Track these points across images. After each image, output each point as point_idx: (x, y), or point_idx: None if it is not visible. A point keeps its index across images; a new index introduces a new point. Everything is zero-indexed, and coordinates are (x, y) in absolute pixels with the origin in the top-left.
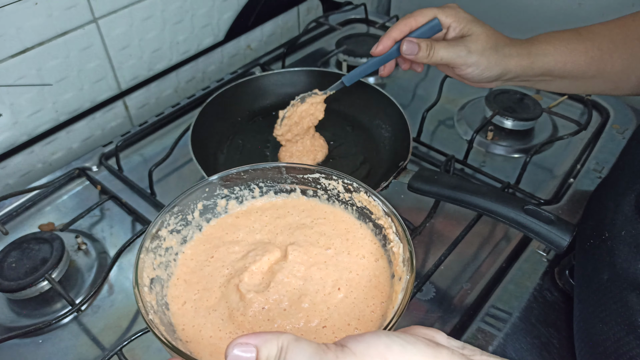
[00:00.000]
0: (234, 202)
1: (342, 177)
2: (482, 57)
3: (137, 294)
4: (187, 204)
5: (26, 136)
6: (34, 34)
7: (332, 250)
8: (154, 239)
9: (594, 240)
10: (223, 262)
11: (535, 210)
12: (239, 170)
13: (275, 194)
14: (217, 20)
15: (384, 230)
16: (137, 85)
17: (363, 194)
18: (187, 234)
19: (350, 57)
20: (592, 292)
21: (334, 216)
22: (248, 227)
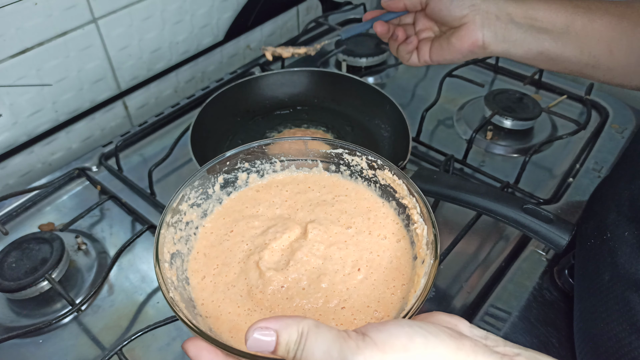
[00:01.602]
0: (255, 175)
1: (367, 153)
2: None
3: (157, 271)
4: (208, 177)
5: (26, 136)
6: (34, 34)
7: (352, 230)
8: (175, 213)
9: (594, 240)
10: (242, 237)
11: (534, 209)
12: (260, 143)
13: (297, 168)
14: (216, 20)
15: (407, 210)
16: (137, 85)
17: (387, 171)
18: (208, 208)
19: (350, 57)
20: (593, 291)
21: (356, 193)
22: (268, 202)
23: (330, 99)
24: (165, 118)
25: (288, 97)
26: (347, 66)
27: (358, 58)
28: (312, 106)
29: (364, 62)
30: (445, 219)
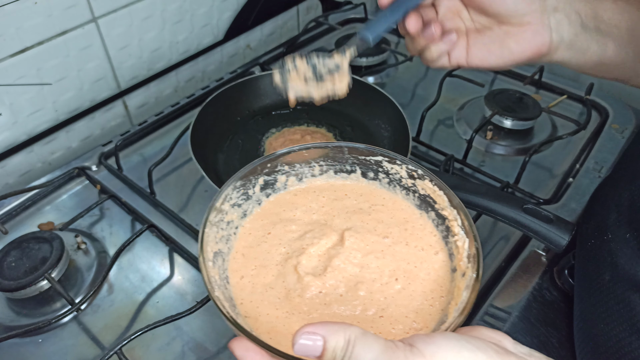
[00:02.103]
0: (294, 178)
1: (407, 162)
2: None
3: (203, 269)
4: (249, 179)
5: (26, 135)
6: (34, 33)
7: (389, 240)
8: (218, 213)
9: (595, 240)
10: (280, 239)
11: (534, 209)
12: (301, 147)
13: (335, 173)
14: (216, 19)
15: (447, 222)
16: (137, 84)
17: (428, 182)
18: (247, 208)
19: None
20: (594, 292)
21: (393, 203)
22: (305, 206)
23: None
24: (165, 117)
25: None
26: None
27: (358, 57)
28: (313, 106)
29: (364, 62)
30: None
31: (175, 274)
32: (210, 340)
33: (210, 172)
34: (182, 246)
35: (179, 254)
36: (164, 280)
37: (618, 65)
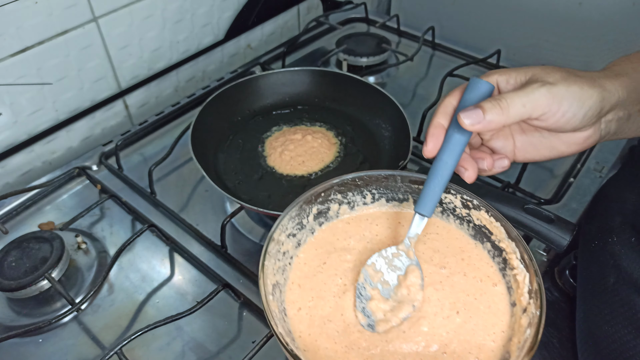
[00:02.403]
0: (346, 207)
1: (462, 192)
2: (568, 86)
3: (266, 305)
4: (303, 208)
5: (26, 135)
6: (34, 33)
7: (447, 270)
8: (275, 244)
9: (599, 241)
10: (336, 270)
11: (535, 209)
12: (354, 176)
13: (387, 201)
14: (217, 19)
15: (504, 254)
16: (137, 84)
17: (484, 212)
18: (302, 238)
19: (351, 57)
20: (597, 293)
21: (447, 232)
22: (359, 235)
23: (331, 99)
24: (165, 117)
25: (289, 97)
26: (347, 65)
27: (359, 57)
28: (313, 105)
29: (364, 62)
30: None
31: (175, 273)
32: (211, 340)
33: (211, 171)
34: (183, 246)
35: (179, 254)
36: (164, 280)
37: None
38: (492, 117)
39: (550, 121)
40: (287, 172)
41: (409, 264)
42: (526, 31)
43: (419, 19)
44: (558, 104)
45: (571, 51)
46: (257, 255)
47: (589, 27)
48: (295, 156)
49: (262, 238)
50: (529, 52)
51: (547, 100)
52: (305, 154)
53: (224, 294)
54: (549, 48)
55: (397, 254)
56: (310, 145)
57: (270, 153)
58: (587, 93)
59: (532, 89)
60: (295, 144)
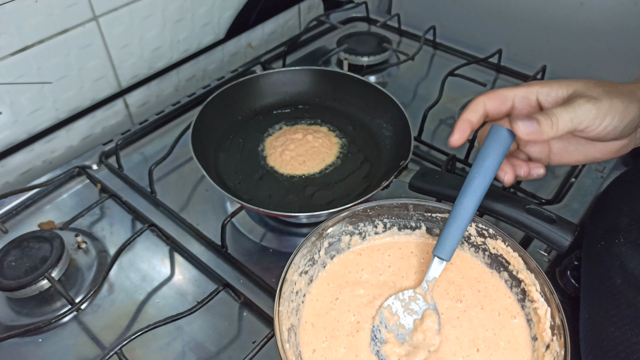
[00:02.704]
0: (357, 237)
1: (477, 220)
2: (611, 100)
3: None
4: (315, 244)
5: (26, 134)
6: (34, 32)
7: (463, 304)
8: (289, 285)
9: (605, 242)
10: (349, 306)
11: (536, 209)
12: (365, 206)
13: (399, 230)
14: (217, 18)
15: (524, 286)
16: (138, 83)
17: (500, 242)
18: (314, 273)
19: (352, 56)
20: (603, 294)
21: (462, 261)
22: (371, 267)
23: (331, 98)
24: (166, 116)
25: (289, 96)
26: (348, 65)
27: (360, 57)
28: (314, 105)
29: (365, 61)
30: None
31: (175, 273)
32: (211, 341)
33: (211, 171)
34: (183, 246)
35: (179, 254)
36: (164, 280)
37: None
38: (544, 129)
39: (593, 133)
40: (288, 172)
41: (425, 307)
42: (527, 31)
43: (419, 18)
44: (602, 118)
45: (573, 51)
46: (258, 254)
47: (590, 27)
48: (296, 156)
49: (263, 238)
50: (530, 52)
51: (592, 115)
52: (306, 153)
53: (224, 294)
54: (550, 48)
55: (414, 297)
56: (311, 145)
57: (270, 153)
58: (629, 107)
59: (579, 104)
60: (295, 143)
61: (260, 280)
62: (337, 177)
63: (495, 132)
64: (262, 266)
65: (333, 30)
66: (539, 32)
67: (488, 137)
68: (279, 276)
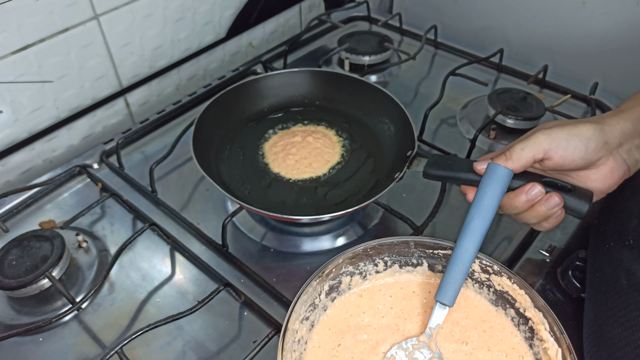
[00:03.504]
0: (358, 277)
1: (480, 257)
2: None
3: None
4: (315, 288)
5: (27, 133)
6: (35, 30)
7: (469, 346)
8: (290, 334)
9: (614, 243)
10: (352, 353)
11: (552, 181)
12: (365, 246)
13: (400, 267)
14: (218, 17)
15: (531, 324)
16: (138, 82)
17: (505, 279)
18: (315, 319)
19: (353, 55)
20: (610, 296)
21: (465, 300)
22: (373, 309)
23: (322, 98)
24: (166, 115)
25: (280, 100)
26: (349, 64)
27: (361, 56)
28: (305, 106)
29: (366, 60)
30: (448, 219)
31: (176, 272)
32: (212, 340)
33: (213, 173)
34: (184, 245)
35: (180, 253)
36: (165, 279)
37: None
38: (499, 162)
39: (556, 158)
40: (295, 177)
41: (430, 356)
42: (529, 30)
43: (421, 18)
44: (557, 142)
45: (574, 51)
46: (258, 254)
47: (592, 27)
48: (300, 159)
49: (264, 237)
50: (531, 51)
51: (545, 141)
52: (310, 155)
53: (225, 293)
54: (552, 47)
55: (418, 345)
56: (314, 147)
57: (272, 159)
58: (582, 129)
59: (531, 134)
60: (297, 147)
61: (261, 279)
62: (345, 175)
63: (493, 171)
64: (263, 266)
65: (334, 29)
66: (540, 32)
67: (485, 176)
68: (279, 276)
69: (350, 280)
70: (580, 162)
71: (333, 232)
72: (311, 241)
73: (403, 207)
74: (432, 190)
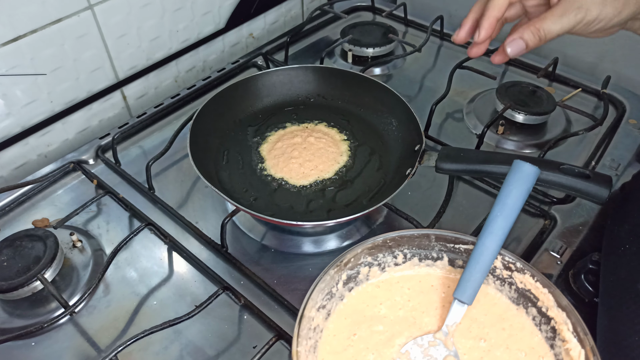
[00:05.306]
0: (376, 268)
1: (504, 253)
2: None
3: None
4: (333, 277)
5: (20, 127)
6: (27, 21)
7: (486, 343)
8: (307, 322)
9: (630, 245)
10: (367, 343)
11: (570, 168)
12: (385, 237)
13: (420, 260)
14: (218, 7)
15: (554, 324)
16: (136, 74)
17: (528, 276)
18: (331, 307)
19: (356, 47)
20: (625, 301)
21: (485, 297)
22: (390, 300)
23: (316, 95)
24: (165, 109)
25: (273, 100)
26: (353, 56)
27: (364, 48)
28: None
29: (370, 52)
30: (454, 219)
31: (174, 273)
32: (210, 344)
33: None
34: (181, 244)
35: (177, 253)
36: (162, 280)
37: None
38: (532, 45)
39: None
40: (301, 181)
41: (446, 354)
42: None
43: (426, 8)
44: (593, 25)
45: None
46: (259, 254)
47: None
48: (304, 162)
49: (264, 237)
50: None
51: (581, 27)
52: (314, 157)
53: (224, 296)
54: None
55: (434, 342)
56: (317, 147)
57: (273, 163)
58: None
59: (569, 17)
60: (299, 149)
61: (262, 281)
62: (352, 174)
63: (519, 169)
64: (263, 267)
65: (337, 20)
66: None
67: (510, 174)
68: (280, 277)
69: (369, 271)
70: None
71: (336, 231)
72: (313, 241)
73: (408, 206)
74: (438, 188)
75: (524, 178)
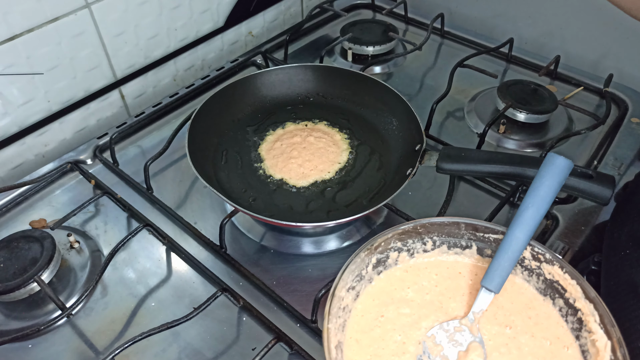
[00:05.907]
0: (405, 254)
1: (533, 244)
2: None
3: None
4: (363, 259)
5: (17, 127)
6: (23, 19)
7: (512, 330)
8: (337, 301)
9: (630, 250)
10: (394, 324)
11: (573, 168)
12: (415, 224)
13: (449, 248)
14: (216, 5)
15: (580, 315)
16: (134, 73)
17: (557, 268)
18: (360, 289)
19: (356, 45)
20: (628, 306)
21: (512, 286)
22: (417, 285)
23: (315, 93)
24: (163, 108)
25: (271, 99)
26: (353, 55)
27: (364, 46)
28: (297, 104)
29: (370, 51)
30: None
31: (172, 274)
32: (208, 346)
33: (210, 173)
34: (180, 245)
35: (176, 254)
36: (160, 282)
37: None
38: None
39: None
40: (301, 182)
41: (471, 340)
42: (540, 19)
43: (427, 6)
44: None
45: (588, 40)
46: (257, 255)
47: (605, 15)
48: (304, 162)
49: (263, 237)
50: (543, 41)
51: None
52: (313, 157)
53: (223, 297)
54: (563, 37)
55: (460, 328)
56: (316, 147)
57: (272, 164)
58: None
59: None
60: (298, 149)
61: (261, 283)
62: (352, 173)
63: (552, 162)
64: (262, 268)
65: (337, 18)
66: (552, 21)
67: (544, 166)
68: (280, 278)
69: (398, 256)
70: None
71: (336, 232)
72: (313, 242)
73: (408, 206)
74: (439, 188)
75: (557, 171)
